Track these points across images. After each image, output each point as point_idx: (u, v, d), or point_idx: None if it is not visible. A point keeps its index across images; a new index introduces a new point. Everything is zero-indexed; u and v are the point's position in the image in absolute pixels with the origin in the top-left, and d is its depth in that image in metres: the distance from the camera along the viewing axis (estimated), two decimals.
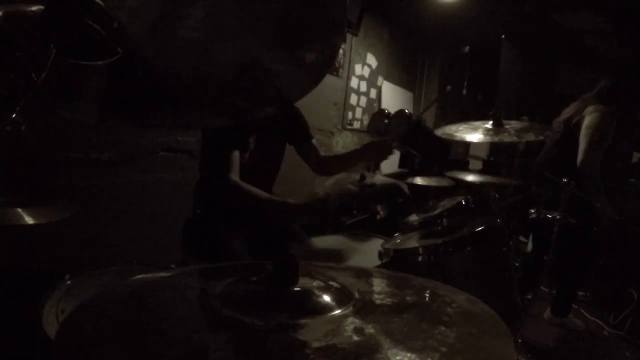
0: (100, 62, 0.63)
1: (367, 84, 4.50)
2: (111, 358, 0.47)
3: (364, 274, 0.79)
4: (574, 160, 2.54)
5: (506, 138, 1.92)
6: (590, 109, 2.60)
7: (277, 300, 0.60)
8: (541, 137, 2.01)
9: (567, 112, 2.76)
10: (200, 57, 0.72)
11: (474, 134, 2.00)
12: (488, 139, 1.95)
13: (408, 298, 0.68)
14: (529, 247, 3.61)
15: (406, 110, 3.33)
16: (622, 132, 2.72)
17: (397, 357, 0.47)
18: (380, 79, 4.75)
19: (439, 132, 2.19)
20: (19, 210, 1.17)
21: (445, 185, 3.13)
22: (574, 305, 2.94)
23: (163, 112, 0.78)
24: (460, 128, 2.10)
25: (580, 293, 3.22)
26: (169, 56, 0.70)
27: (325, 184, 2.16)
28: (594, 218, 2.58)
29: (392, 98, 4.94)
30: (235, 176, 1.72)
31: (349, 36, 4.01)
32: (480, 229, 1.50)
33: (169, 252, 2.31)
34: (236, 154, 1.73)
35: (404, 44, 5.09)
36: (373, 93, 4.65)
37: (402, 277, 0.79)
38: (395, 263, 1.49)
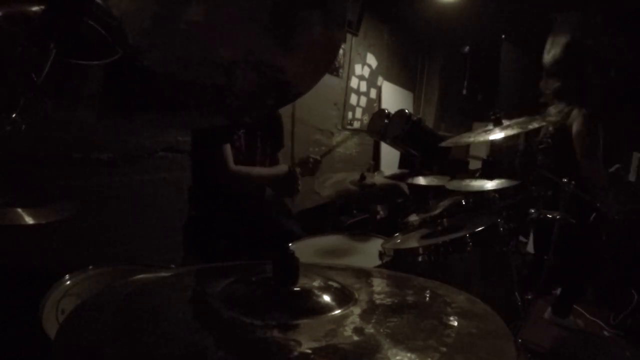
0: (100, 62, 0.63)
1: (367, 84, 4.50)
2: (111, 358, 0.47)
3: (364, 274, 0.79)
4: (571, 162, 2.53)
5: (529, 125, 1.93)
6: (575, 113, 2.56)
7: (277, 300, 0.60)
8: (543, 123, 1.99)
9: (553, 116, 2.69)
10: (198, 54, 0.72)
11: (483, 136, 2.01)
12: (508, 132, 1.95)
13: (408, 298, 0.68)
14: (529, 247, 3.60)
15: (406, 110, 3.33)
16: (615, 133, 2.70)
17: (397, 357, 0.47)
18: (380, 79, 4.75)
19: (444, 143, 2.20)
20: (19, 210, 1.17)
21: (445, 185, 3.12)
22: (574, 306, 2.93)
23: (161, 111, 0.78)
24: (467, 138, 2.12)
25: None
26: (167, 54, 0.70)
27: (326, 184, 2.17)
28: (595, 218, 2.57)
29: (392, 98, 4.94)
30: (233, 165, 1.81)
31: (349, 36, 4.01)
32: (480, 229, 1.50)
33: (169, 252, 2.31)
34: (228, 146, 1.81)
35: (404, 44, 5.09)
36: (373, 93, 4.65)
37: (402, 277, 0.79)
38: (395, 263, 1.50)
